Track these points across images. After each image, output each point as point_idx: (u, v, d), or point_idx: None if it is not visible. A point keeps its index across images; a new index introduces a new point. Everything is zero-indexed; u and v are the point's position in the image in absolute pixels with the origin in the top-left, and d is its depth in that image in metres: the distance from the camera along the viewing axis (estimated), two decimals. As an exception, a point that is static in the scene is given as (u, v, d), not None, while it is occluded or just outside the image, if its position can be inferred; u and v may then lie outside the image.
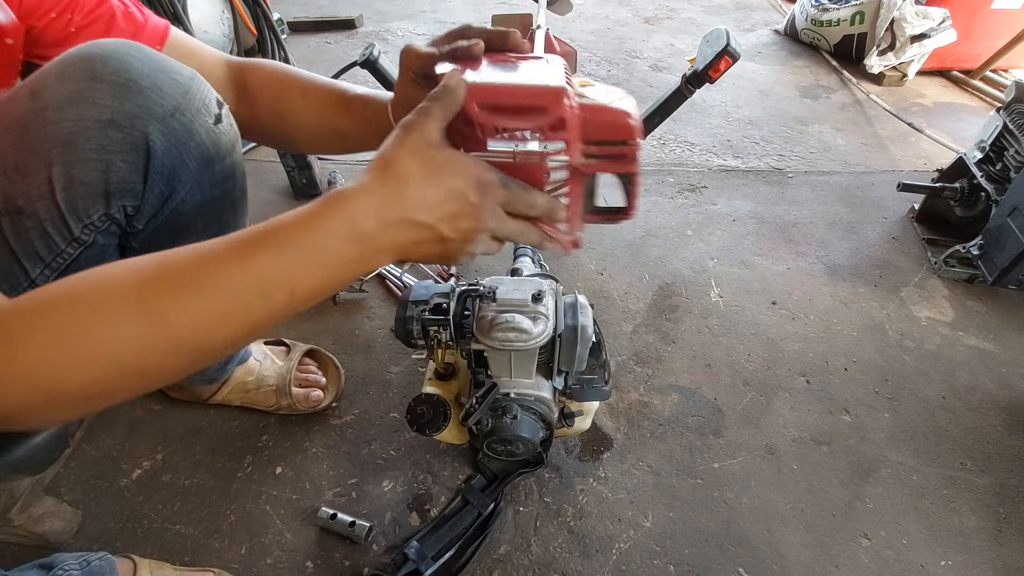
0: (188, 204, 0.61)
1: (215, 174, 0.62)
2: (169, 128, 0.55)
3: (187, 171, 0.59)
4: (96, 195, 0.54)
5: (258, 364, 0.96)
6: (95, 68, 0.52)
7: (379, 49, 1.19)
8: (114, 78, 0.52)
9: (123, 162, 0.54)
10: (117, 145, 0.53)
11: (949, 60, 2.26)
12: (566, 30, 2.54)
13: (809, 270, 1.33)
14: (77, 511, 0.82)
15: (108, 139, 0.53)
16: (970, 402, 1.05)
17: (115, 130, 0.53)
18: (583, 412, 0.86)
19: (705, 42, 0.99)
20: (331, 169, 1.55)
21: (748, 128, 1.91)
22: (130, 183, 0.55)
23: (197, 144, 0.58)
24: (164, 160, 0.56)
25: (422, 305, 0.77)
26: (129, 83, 0.53)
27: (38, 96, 0.52)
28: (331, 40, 2.47)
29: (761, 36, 2.63)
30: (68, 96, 0.52)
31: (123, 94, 0.53)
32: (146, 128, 0.54)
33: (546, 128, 0.49)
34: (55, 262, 0.55)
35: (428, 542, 0.80)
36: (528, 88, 0.49)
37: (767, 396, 1.05)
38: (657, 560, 0.81)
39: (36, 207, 0.53)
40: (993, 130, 1.31)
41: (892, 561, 0.83)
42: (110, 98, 0.52)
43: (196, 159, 0.59)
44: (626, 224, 1.44)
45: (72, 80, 0.52)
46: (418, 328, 0.77)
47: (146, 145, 0.55)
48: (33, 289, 0.50)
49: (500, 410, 0.73)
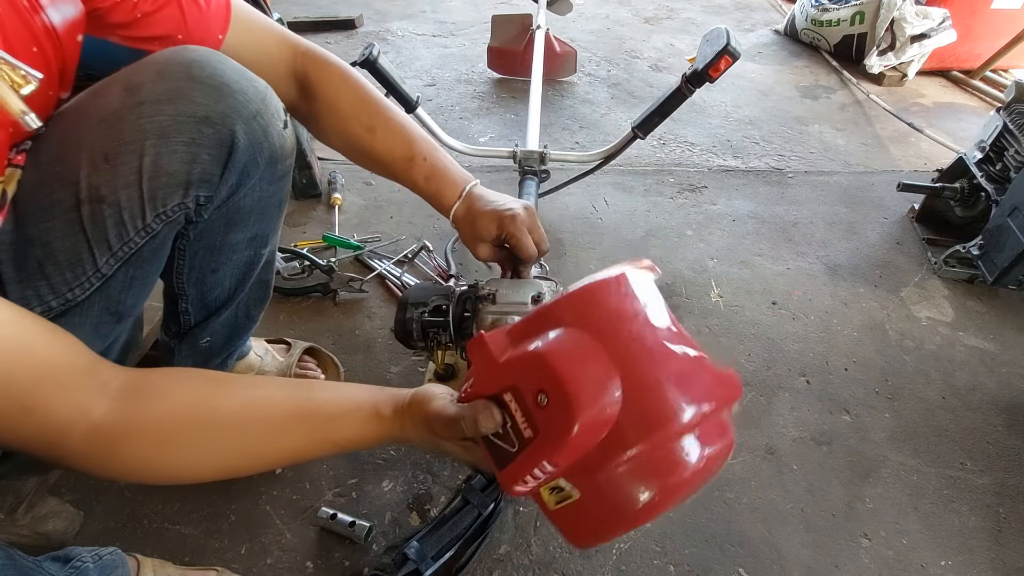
0: (248, 198, 0.68)
1: (276, 172, 0.69)
2: (251, 128, 0.61)
3: (257, 168, 0.65)
4: (177, 185, 0.59)
5: (259, 359, 0.96)
6: (193, 71, 0.57)
7: (379, 49, 1.19)
8: (210, 80, 0.58)
9: (208, 155, 0.59)
10: (207, 139, 0.58)
11: (949, 60, 2.26)
12: (566, 30, 2.54)
13: (809, 270, 1.33)
14: (79, 511, 0.83)
15: (200, 133, 0.57)
16: (970, 402, 1.05)
17: (207, 126, 0.58)
18: None
19: (705, 41, 0.99)
20: (331, 169, 1.55)
21: (748, 128, 1.91)
22: (210, 175, 0.60)
23: (269, 144, 0.64)
24: (242, 156, 0.62)
25: (421, 307, 0.77)
26: (223, 86, 0.58)
27: (135, 92, 0.56)
28: (331, 40, 2.47)
29: (761, 36, 2.63)
30: (167, 93, 0.56)
31: (218, 95, 0.58)
32: (233, 126, 0.59)
33: None
34: (121, 251, 0.60)
35: (428, 542, 0.80)
36: None
37: (767, 396, 1.05)
38: (657, 560, 0.82)
39: (119, 195, 0.57)
40: (993, 130, 1.32)
41: (892, 561, 0.83)
42: (206, 97, 0.57)
43: (266, 158, 0.65)
44: (626, 224, 1.44)
45: (172, 79, 0.57)
46: (418, 329, 0.77)
47: (232, 141, 0.60)
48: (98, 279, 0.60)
49: None
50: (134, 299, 0.66)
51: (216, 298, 0.77)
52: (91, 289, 0.60)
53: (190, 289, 0.75)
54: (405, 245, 1.33)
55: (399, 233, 1.37)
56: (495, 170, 1.62)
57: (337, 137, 0.76)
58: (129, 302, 0.66)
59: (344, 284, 1.20)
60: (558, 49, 2.04)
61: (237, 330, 0.85)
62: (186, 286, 0.74)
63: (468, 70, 2.23)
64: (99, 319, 0.64)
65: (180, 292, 0.75)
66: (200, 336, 0.81)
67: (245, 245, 0.73)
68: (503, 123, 1.87)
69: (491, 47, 2.10)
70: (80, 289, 0.59)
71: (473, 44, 2.45)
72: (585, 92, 2.11)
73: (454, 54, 2.37)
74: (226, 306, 0.79)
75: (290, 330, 1.12)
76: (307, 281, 1.22)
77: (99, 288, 0.61)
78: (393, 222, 1.41)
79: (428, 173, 0.75)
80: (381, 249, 1.32)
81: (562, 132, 1.84)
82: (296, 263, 1.23)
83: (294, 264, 1.23)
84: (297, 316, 1.16)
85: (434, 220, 1.42)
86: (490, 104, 1.96)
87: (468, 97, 2.00)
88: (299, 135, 1.41)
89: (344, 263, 1.28)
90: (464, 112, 1.93)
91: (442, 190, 0.76)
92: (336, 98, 0.73)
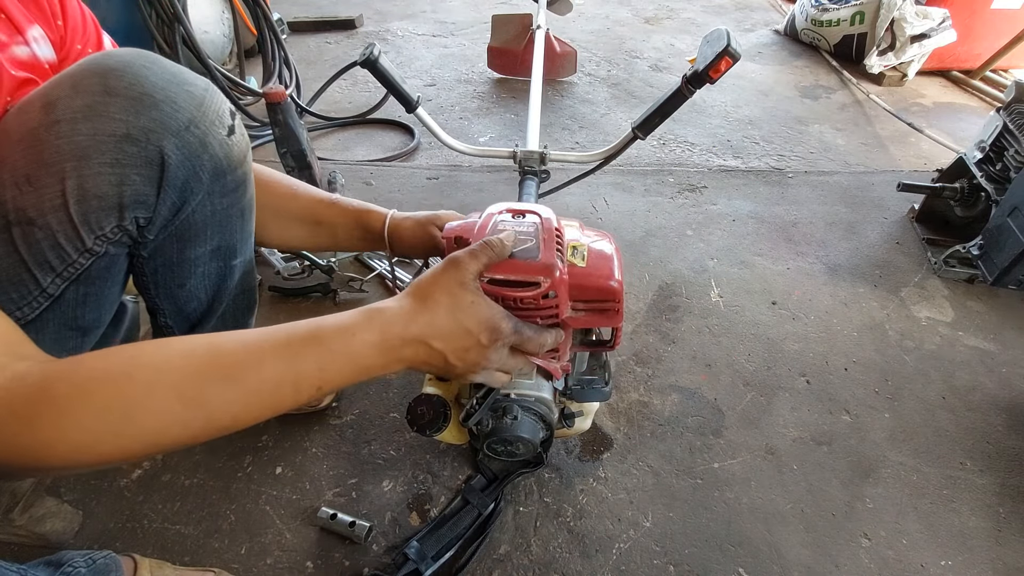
0: (199, 214, 0.62)
1: (226, 185, 0.62)
2: (183, 141, 0.55)
3: (199, 183, 0.59)
4: (109, 208, 0.54)
5: None
6: (109, 82, 0.52)
7: (379, 49, 1.18)
8: (128, 92, 0.52)
9: (137, 176, 0.54)
10: (132, 159, 0.53)
11: (949, 60, 2.26)
12: (566, 30, 2.54)
13: (809, 270, 1.33)
14: (78, 511, 0.82)
15: (123, 153, 0.52)
16: (970, 402, 1.05)
17: (130, 144, 0.52)
18: (583, 413, 0.85)
19: (706, 42, 0.99)
20: (331, 169, 1.55)
21: (748, 128, 1.91)
22: (143, 196, 0.55)
23: (210, 156, 0.58)
24: (177, 173, 0.56)
25: None
26: (143, 96, 0.52)
27: (51, 109, 0.51)
28: (331, 40, 2.47)
29: (761, 36, 2.63)
30: (82, 110, 0.51)
31: (138, 108, 0.52)
32: (161, 142, 0.54)
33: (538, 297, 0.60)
34: (66, 271, 0.56)
35: (428, 542, 0.80)
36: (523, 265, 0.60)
37: (767, 396, 1.05)
38: (657, 560, 0.81)
39: (48, 219, 0.53)
40: (993, 130, 1.32)
41: (892, 561, 0.83)
42: (125, 112, 0.52)
43: (209, 171, 0.59)
44: (626, 224, 1.44)
45: (87, 93, 0.51)
46: None
47: (160, 159, 0.54)
48: (45, 299, 0.56)
49: (500, 411, 0.73)
50: (94, 314, 0.63)
51: (194, 310, 0.72)
52: (40, 308, 0.56)
53: (164, 304, 0.70)
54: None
55: (399, 233, 1.37)
56: (495, 170, 1.62)
57: None
58: (89, 317, 0.62)
59: (344, 284, 1.20)
60: (558, 49, 2.04)
61: None
62: (158, 300, 0.69)
63: (468, 70, 2.24)
64: (59, 334, 0.60)
65: (155, 307, 0.71)
66: None
67: (208, 257, 0.67)
68: (503, 123, 1.87)
69: (491, 47, 2.10)
70: (28, 308, 0.56)
71: (473, 44, 2.46)
72: (585, 92, 2.11)
73: (454, 54, 2.37)
74: (208, 318, 0.74)
75: (290, 330, 1.12)
76: (307, 281, 1.22)
77: (49, 307, 0.57)
78: (393, 222, 1.41)
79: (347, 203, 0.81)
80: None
81: (562, 132, 1.84)
82: (296, 263, 1.23)
83: (294, 264, 1.23)
84: (297, 316, 1.15)
85: (434, 220, 1.42)
86: (490, 104, 1.96)
87: (468, 97, 2.00)
88: (300, 135, 1.41)
89: (344, 263, 1.28)
90: (464, 112, 1.93)
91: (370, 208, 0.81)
92: None
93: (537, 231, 0.64)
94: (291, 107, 1.40)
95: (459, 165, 1.64)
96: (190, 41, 1.61)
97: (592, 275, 0.63)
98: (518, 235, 0.62)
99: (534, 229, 0.64)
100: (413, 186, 1.55)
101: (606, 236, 0.71)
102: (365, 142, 1.81)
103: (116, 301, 0.66)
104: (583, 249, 0.65)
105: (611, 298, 0.64)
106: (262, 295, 1.18)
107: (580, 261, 0.64)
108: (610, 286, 0.63)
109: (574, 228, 0.72)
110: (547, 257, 0.61)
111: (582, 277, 0.63)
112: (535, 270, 0.60)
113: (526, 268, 0.60)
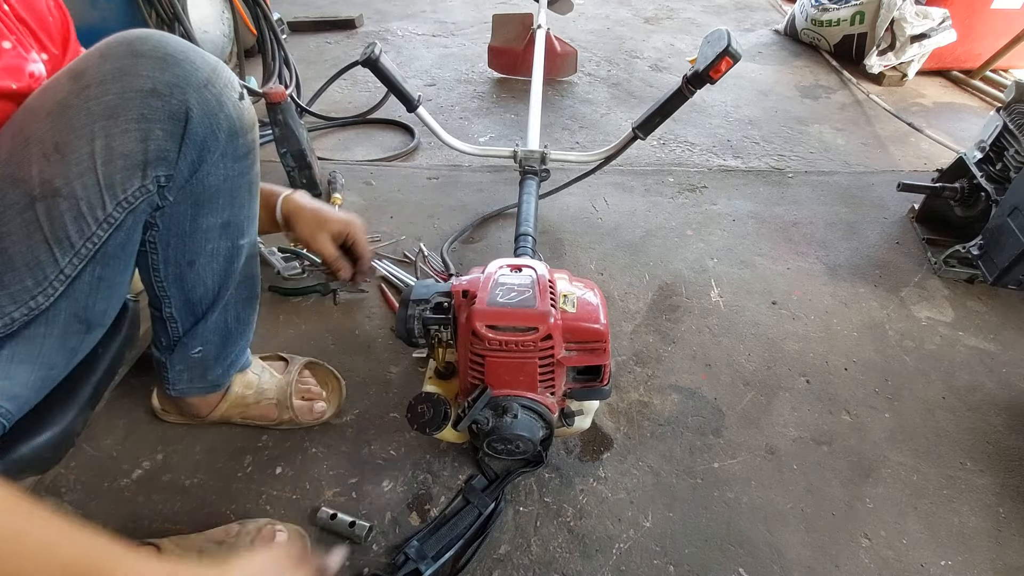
0: (212, 177, 0.65)
1: (238, 147, 0.66)
2: (203, 98, 0.59)
3: (216, 141, 0.62)
4: (134, 166, 0.57)
5: (256, 377, 0.92)
6: (135, 46, 0.57)
7: (381, 48, 1.19)
8: (154, 53, 0.57)
9: (161, 130, 0.57)
10: (157, 113, 0.57)
11: (949, 60, 2.26)
12: (566, 30, 2.54)
13: (809, 270, 1.33)
14: (77, 511, 0.82)
15: (149, 107, 0.56)
16: (970, 402, 1.05)
17: (156, 99, 0.56)
18: (583, 411, 0.86)
19: (706, 43, 0.99)
20: (331, 169, 1.55)
21: (748, 128, 1.91)
22: (165, 151, 0.59)
23: (226, 116, 0.62)
24: (198, 128, 0.60)
25: (423, 304, 0.78)
26: (167, 56, 0.57)
27: (81, 77, 0.55)
28: (331, 40, 2.47)
29: (761, 36, 2.63)
30: (112, 72, 0.55)
31: (162, 66, 0.57)
32: (184, 96, 0.58)
33: (537, 340, 0.70)
34: (84, 248, 0.58)
35: (428, 542, 0.80)
36: (522, 313, 0.70)
37: (767, 396, 1.05)
38: (657, 560, 0.81)
39: (74, 186, 0.55)
40: (993, 130, 1.32)
41: (892, 561, 0.83)
42: (151, 69, 0.56)
43: (224, 131, 0.63)
44: (626, 224, 1.44)
45: (115, 58, 0.56)
46: (419, 327, 0.77)
47: (183, 112, 0.58)
48: (61, 282, 0.58)
49: (500, 409, 0.73)
50: (103, 304, 0.64)
51: (201, 298, 0.75)
52: (55, 295, 0.58)
53: (171, 289, 0.72)
54: (405, 245, 1.33)
55: (399, 233, 1.37)
56: (495, 170, 1.62)
57: None
58: (99, 307, 0.64)
59: (344, 284, 1.20)
60: (559, 49, 2.04)
61: (230, 336, 0.83)
62: (166, 285, 0.72)
63: (468, 70, 2.24)
64: (67, 328, 0.62)
65: (161, 295, 0.73)
66: (191, 346, 0.79)
67: (219, 233, 0.70)
68: (503, 123, 1.87)
69: (491, 46, 2.10)
70: (43, 296, 0.58)
71: (473, 44, 2.46)
72: (585, 92, 2.11)
73: (454, 54, 2.37)
74: (213, 308, 0.76)
75: (289, 329, 1.12)
76: (307, 281, 1.22)
77: (64, 293, 0.59)
78: (393, 222, 1.41)
79: None
80: (381, 249, 1.32)
81: (562, 132, 1.84)
82: (296, 263, 1.23)
83: (294, 264, 1.23)
84: (297, 316, 1.16)
85: (434, 220, 1.42)
86: (490, 104, 1.96)
87: (468, 97, 2.00)
88: (300, 135, 1.41)
89: (344, 263, 1.27)
90: (464, 112, 1.92)
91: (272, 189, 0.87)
92: None
93: (533, 283, 0.74)
94: (291, 107, 1.40)
95: (459, 165, 1.64)
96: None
97: (582, 319, 0.74)
98: (516, 287, 0.74)
99: (530, 281, 0.74)
100: (413, 186, 1.55)
101: (592, 286, 0.81)
102: (365, 142, 1.80)
103: (124, 294, 0.68)
104: (573, 297, 0.76)
105: (599, 339, 0.74)
106: (262, 295, 1.18)
107: (571, 308, 0.74)
108: (597, 329, 0.73)
109: (564, 279, 0.81)
110: (543, 305, 0.71)
111: (573, 321, 0.73)
112: (534, 318, 0.70)
113: (526, 316, 0.70)
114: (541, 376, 0.74)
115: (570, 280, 0.82)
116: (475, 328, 0.70)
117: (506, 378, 0.73)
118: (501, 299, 0.72)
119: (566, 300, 0.76)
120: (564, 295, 0.76)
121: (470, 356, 0.73)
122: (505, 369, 0.72)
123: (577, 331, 0.73)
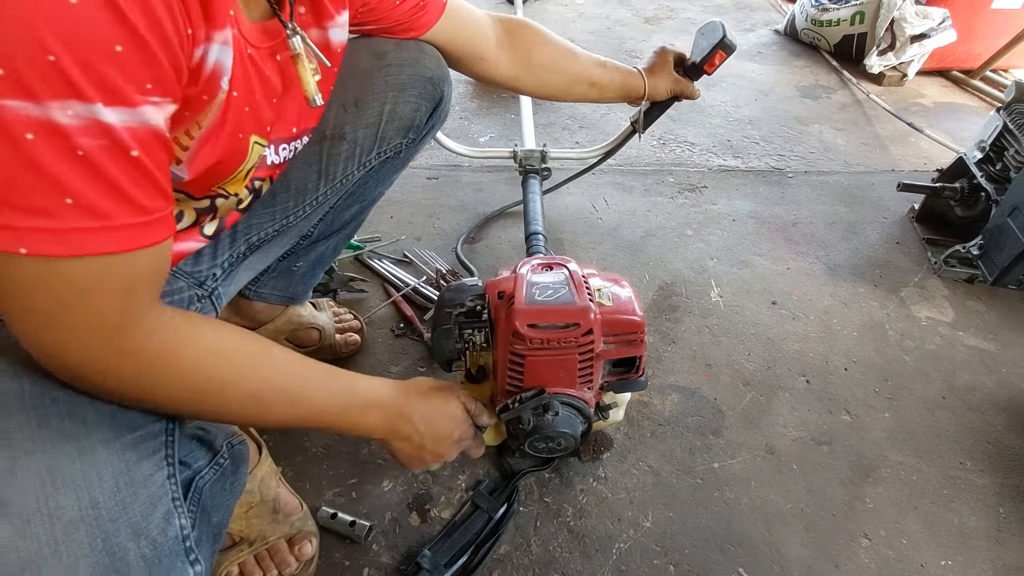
0: (422, 144, 0.85)
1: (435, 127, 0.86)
2: (449, 91, 0.82)
3: (441, 121, 0.86)
4: (403, 128, 0.78)
5: (311, 306, 1.03)
6: (423, 46, 0.78)
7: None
8: (433, 52, 0.79)
9: (426, 107, 0.79)
10: (428, 95, 0.78)
11: (949, 60, 2.26)
12: (566, 30, 2.54)
13: (809, 270, 1.33)
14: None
15: (424, 90, 0.78)
16: (970, 402, 1.05)
17: (431, 84, 0.78)
18: (617, 404, 0.86)
19: (700, 35, 0.99)
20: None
21: (748, 128, 1.91)
22: (421, 122, 0.80)
23: (449, 107, 0.85)
24: (443, 110, 0.83)
25: (458, 308, 0.76)
26: (440, 58, 0.80)
27: (383, 56, 0.75)
28: (331, 40, 2.46)
29: (761, 36, 2.63)
30: (407, 60, 0.76)
31: (439, 62, 0.79)
32: (443, 87, 0.80)
33: (579, 335, 0.70)
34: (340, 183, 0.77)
35: (440, 550, 0.80)
36: (563, 310, 0.70)
37: (767, 396, 1.05)
38: (657, 560, 0.81)
39: (359, 134, 0.75)
40: (993, 130, 1.32)
41: (892, 561, 0.83)
42: (433, 63, 0.78)
43: (445, 114, 0.85)
44: (626, 224, 1.44)
45: (409, 50, 0.77)
46: (456, 332, 0.76)
47: (441, 97, 0.81)
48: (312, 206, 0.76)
49: (542, 408, 0.72)
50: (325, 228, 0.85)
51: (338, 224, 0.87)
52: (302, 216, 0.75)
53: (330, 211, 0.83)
54: (405, 245, 1.33)
55: (399, 233, 1.37)
56: (495, 170, 1.62)
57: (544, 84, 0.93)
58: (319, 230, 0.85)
59: (344, 284, 1.20)
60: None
61: (323, 262, 0.95)
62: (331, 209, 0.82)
63: (468, 70, 2.23)
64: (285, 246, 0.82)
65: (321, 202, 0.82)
66: (298, 260, 0.90)
67: (388, 184, 0.88)
68: (503, 123, 1.87)
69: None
70: (294, 216, 0.74)
71: (473, 44, 2.45)
72: (585, 92, 2.11)
73: (454, 54, 2.37)
74: (336, 234, 0.89)
75: (290, 330, 1.12)
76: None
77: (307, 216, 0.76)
78: (393, 222, 1.41)
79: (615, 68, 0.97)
80: (381, 249, 1.32)
81: (562, 132, 1.84)
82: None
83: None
84: (297, 316, 1.15)
85: (434, 220, 1.42)
86: (490, 104, 1.96)
87: (468, 97, 2.00)
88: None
89: (344, 263, 1.27)
90: (464, 112, 1.92)
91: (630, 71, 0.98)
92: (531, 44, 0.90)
93: (567, 280, 0.74)
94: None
95: (459, 165, 1.64)
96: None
97: (619, 312, 0.74)
98: (552, 285, 0.74)
99: (564, 278, 0.74)
100: (413, 186, 1.55)
101: (620, 278, 0.82)
102: (365, 142, 1.80)
103: None
104: (607, 291, 0.77)
105: (637, 330, 0.74)
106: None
107: (607, 301, 0.75)
108: (635, 320, 0.74)
109: (594, 273, 0.81)
110: (582, 300, 0.71)
111: (611, 314, 0.73)
112: (575, 313, 0.70)
113: (566, 312, 0.70)
114: (581, 371, 0.73)
115: (599, 273, 0.82)
116: (516, 328, 0.69)
117: (546, 376, 0.72)
118: (539, 297, 0.71)
119: (601, 294, 0.76)
120: (598, 288, 0.77)
121: (510, 356, 0.72)
122: (545, 367, 0.71)
123: (616, 324, 0.73)
